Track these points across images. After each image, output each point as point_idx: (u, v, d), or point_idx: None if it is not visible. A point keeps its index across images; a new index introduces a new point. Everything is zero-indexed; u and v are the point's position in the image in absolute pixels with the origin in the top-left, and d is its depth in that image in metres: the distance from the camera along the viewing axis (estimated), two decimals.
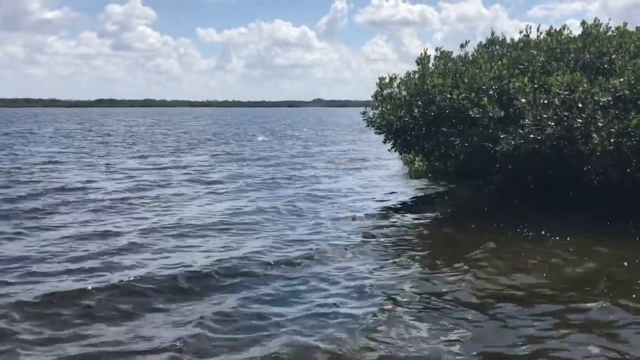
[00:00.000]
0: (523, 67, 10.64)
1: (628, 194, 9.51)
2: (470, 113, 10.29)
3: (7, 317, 5.57)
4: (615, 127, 8.89)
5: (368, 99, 13.01)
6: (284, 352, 4.85)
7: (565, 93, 9.54)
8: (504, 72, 10.38)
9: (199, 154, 23.42)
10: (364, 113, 12.33)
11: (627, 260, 7.30)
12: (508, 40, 12.17)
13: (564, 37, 11.25)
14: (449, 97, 10.63)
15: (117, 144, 28.83)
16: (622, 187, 9.33)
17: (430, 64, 12.08)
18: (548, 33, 11.48)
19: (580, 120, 9.19)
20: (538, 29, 11.78)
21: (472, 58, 11.93)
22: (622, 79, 9.37)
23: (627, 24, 11.36)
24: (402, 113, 11.48)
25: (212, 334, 5.25)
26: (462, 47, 12.30)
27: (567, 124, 9.28)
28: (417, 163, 15.67)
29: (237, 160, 20.80)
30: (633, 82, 9.26)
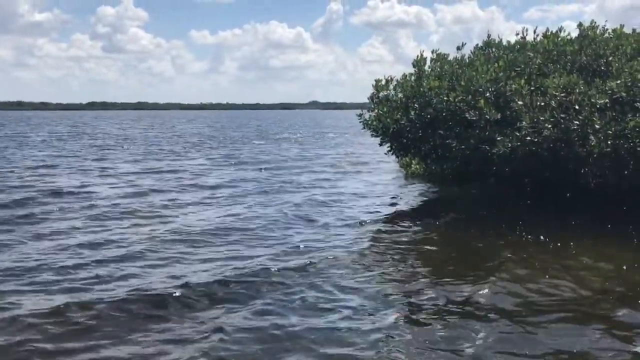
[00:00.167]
0: (520, 69, 10.63)
1: (625, 197, 9.49)
2: (467, 115, 10.28)
3: (5, 330, 5.33)
4: (612, 129, 8.88)
5: (364, 101, 12.87)
6: None
7: (562, 95, 9.52)
8: (501, 74, 10.37)
9: (195, 158, 23.25)
10: (360, 115, 12.27)
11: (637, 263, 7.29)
12: (504, 43, 12.17)
13: (561, 39, 11.24)
14: (446, 99, 10.61)
15: (110, 148, 28.66)
16: (619, 189, 9.32)
17: (427, 66, 12.06)
18: (545, 35, 11.46)
19: (577, 123, 9.17)
20: (535, 31, 11.79)
21: (468, 60, 11.92)
22: (619, 81, 9.37)
23: (623, 26, 11.38)
24: (398, 115, 11.45)
25: (228, 346, 5.07)
26: (458, 49, 12.30)
27: (564, 127, 9.26)
28: (413, 166, 15.64)
29: (234, 164, 20.62)
30: (630, 84, 9.25)
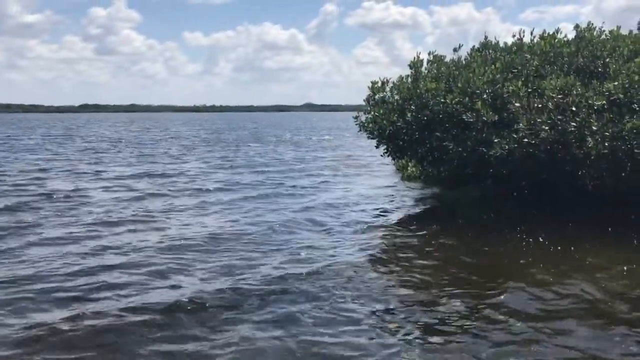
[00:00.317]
0: (517, 71, 10.61)
1: (623, 198, 9.47)
2: (464, 117, 10.26)
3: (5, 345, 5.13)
4: (610, 131, 8.86)
5: (360, 103, 12.80)
6: None
7: (559, 97, 9.51)
8: (498, 76, 10.34)
9: (190, 161, 23.09)
10: (356, 117, 12.20)
11: None
12: (501, 44, 12.15)
13: (558, 40, 11.23)
14: (443, 101, 10.57)
15: (104, 151, 28.44)
16: (616, 191, 9.30)
17: (423, 68, 12.02)
18: (541, 37, 11.46)
19: (575, 125, 9.16)
20: (532, 33, 11.78)
21: (465, 62, 11.90)
22: (616, 83, 9.37)
23: (620, 28, 11.41)
24: (394, 117, 11.40)
25: (239, 357, 4.94)
26: (455, 51, 12.28)
27: (561, 128, 9.25)
28: (410, 168, 15.59)
29: (230, 168, 20.41)
30: (627, 85, 9.24)
